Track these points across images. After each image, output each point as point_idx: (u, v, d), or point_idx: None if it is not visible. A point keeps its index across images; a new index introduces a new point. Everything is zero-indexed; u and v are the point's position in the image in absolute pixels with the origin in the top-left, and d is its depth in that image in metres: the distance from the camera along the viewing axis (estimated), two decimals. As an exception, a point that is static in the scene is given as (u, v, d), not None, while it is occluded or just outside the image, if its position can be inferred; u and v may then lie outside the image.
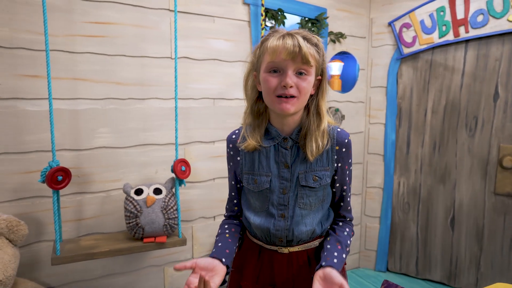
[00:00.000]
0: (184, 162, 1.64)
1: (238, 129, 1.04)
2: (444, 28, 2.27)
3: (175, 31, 1.58)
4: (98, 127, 1.72)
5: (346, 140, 0.98)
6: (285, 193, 0.98)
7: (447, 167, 2.39)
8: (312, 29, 2.23)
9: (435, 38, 2.31)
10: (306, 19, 2.25)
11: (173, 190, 1.67)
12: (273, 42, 0.88)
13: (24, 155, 1.57)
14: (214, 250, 0.95)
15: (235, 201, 1.08)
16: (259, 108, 0.98)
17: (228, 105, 2.04)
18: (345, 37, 2.36)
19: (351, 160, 1.01)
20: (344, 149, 0.98)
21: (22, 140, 1.57)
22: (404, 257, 2.60)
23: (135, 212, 1.53)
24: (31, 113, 1.57)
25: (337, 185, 1.01)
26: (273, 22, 2.14)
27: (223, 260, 0.91)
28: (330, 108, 2.40)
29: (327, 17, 2.25)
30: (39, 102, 1.58)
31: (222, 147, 1.94)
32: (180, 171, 1.61)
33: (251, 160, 1.00)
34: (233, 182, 1.06)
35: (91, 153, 1.72)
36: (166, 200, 1.60)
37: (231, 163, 1.04)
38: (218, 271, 0.88)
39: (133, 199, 1.56)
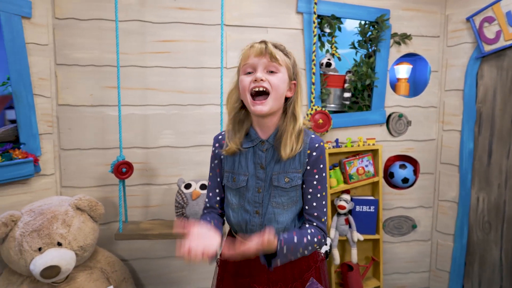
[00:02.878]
0: (227, 162, 1.81)
1: (223, 132, 1.14)
2: (537, 19, 1.94)
3: (221, 43, 1.77)
4: (162, 129, 2.02)
5: (317, 145, 1.04)
6: (260, 191, 1.06)
7: (540, 184, 2.01)
8: (370, 32, 2.16)
9: (524, 32, 1.98)
10: (367, 22, 2.19)
11: (218, 186, 1.85)
12: (245, 49, 1.01)
13: (106, 150, 1.97)
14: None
15: (218, 198, 1.16)
16: (240, 117, 1.08)
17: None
18: (411, 38, 2.21)
19: (323, 166, 1.04)
20: (314, 153, 1.04)
21: (106, 139, 1.97)
22: (484, 283, 2.27)
23: (182, 203, 1.77)
24: (112, 117, 1.95)
25: (304, 186, 1.05)
26: (329, 28, 2.15)
27: (216, 229, 1.01)
28: (393, 113, 2.28)
29: (388, 19, 2.15)
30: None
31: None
32: (223, 170, 1.78)
33: (232, 159, 1.10)
34: (218, 179, 1.15)
35: (157, 151, 2.03)
36: (210, 195, 1.79)
37: (216, 161, 1.14)
38: (213, 236, 0.96)
39: (182, 192, 1.80)
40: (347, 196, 2.15)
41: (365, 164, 2.18)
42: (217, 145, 1.15)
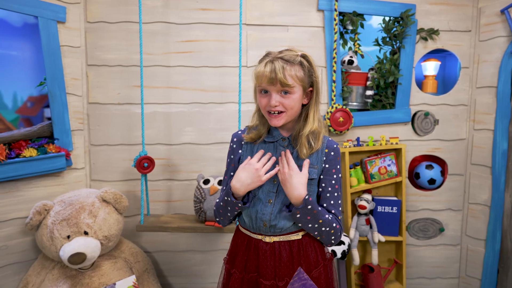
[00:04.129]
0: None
1: (243, 129, 1.20)
2: None
3: (239, 43, 1.81)
4: (185, 126, 2.09)
5: (335, 146, 1.13)
6: (275, 182, 1.11)
7: None
8: (395, 28, 2.10)
9: None
10: (391, 18, 2.13)
11: (236, 183, 1.89)
12: (257, 68, 1.04)
13: (132, 146, 2.07)
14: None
15: None
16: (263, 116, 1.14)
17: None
18: (438, 33, 2.12)
19: (339, 167, 1.11)
20: (332, 153, 1.11)
21: (132, 135, 2.07)
22: (519, 293, 2.13)
23: (200, 198, 1.82)
24: (138, 114, 2.04)
25: (323, 184, 1.10)
26: (352, 25, 2.12)
27: None
28: (418, 111, 2.20)
29: (413, 14, 2.08)
30: (144, 106, 2.04)
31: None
32: (240, 166, 1.82)
33: (251, 153, 1.14)
34: (232, 174, 1.18)
35: (179, 148, 2.10)
36: (227, 191, 1.83)
37: (232, 156, 1.19)
38: None
39: (201, 187, 1.85)
40: (368, 196, 2.11)
41: (387, 164, 2.12)
42: (235, 139, 1.19)
